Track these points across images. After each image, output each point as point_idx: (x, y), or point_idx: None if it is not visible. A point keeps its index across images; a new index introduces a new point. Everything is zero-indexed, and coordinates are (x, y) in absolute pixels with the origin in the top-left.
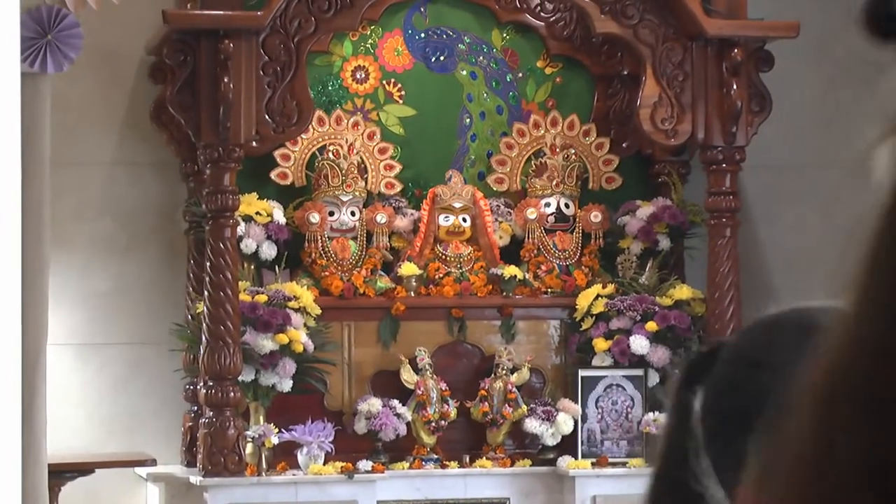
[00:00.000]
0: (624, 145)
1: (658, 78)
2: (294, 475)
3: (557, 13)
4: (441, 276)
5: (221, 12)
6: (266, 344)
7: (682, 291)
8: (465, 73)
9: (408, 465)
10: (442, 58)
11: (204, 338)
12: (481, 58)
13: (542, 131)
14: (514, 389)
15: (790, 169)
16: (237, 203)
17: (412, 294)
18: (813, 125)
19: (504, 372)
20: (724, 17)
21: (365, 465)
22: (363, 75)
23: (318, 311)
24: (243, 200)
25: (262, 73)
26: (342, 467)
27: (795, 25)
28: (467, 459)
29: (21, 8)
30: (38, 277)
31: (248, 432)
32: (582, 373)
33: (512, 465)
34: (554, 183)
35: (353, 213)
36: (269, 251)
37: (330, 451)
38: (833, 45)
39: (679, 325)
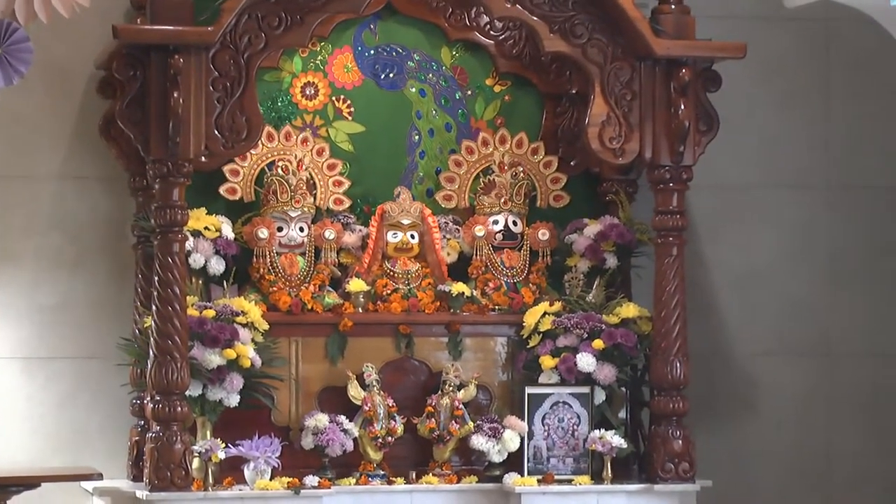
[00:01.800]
0: (572, 163)
1: (606, 97)
2: (241, 490)
3: (506, 31)
4: (389, 292)
5: (171, 27)
6: (214, 359)
7: (629, 310)
8: (414, 90)
9: (354, 480)
10: (391, 75)
11: (151, 352)
12: (430, 75)
13: (491, 149)
14: (461, 406)
15: (736, 188)
16: (186, 218)
17: (360, 310)
18: (759, 145)
19: (451, 388)
20: (673, 37)
21: (312, 480)
22: (313, 91)
23: (266, 327)
24: (192, 215)
25: (211, 88)
26: (289, 483)
27: (742, 46)
28: (414, 476)
29: None
30: None
31: (195, 447)
32: (529, 390)
33: (458, 481)
34: (502, 200)
35: (301, 229)
36: (217, 266)
37: (277, 466)
38: (779, 66)
39: (626, 343)
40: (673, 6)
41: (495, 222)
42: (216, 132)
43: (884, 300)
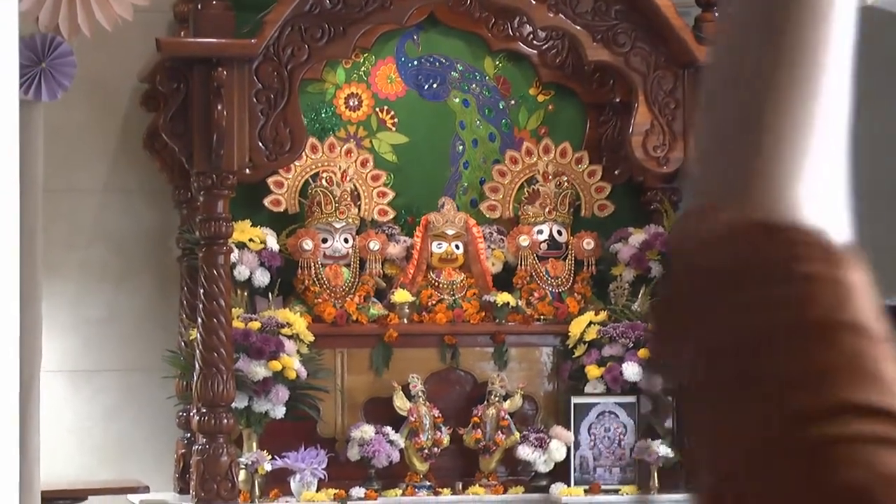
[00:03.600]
0: (616, 172)
1: (650, 105)
2: (287, 502)
3: (549, 41)
4: (434, 303)
5: (214, 40)
6: (259, 371)
7: None
8: (457, 100)
9: (401, 491)
10: (434, 85)
11: (197, 365)
12: (474, 85)
13: (535, 158)
14: (507, 416)
15: None
16: (230, 230)
17: (405, 321)
18: None
19: (497, 399)
20: None
21: (358, 492)
22: (356, 102)
23: (311, 338)
24: (236, 227)
25: (255, 100)
26: (335, 494)
27: None
28: (460, 486)
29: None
30: (31, 304)
31: (241, 459)
32: (574, 400)
33: (505, 492)
34: (546, 210)
35: (346, 240)
36: (262, 278)
37: (323, 478)
38: None
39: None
40: (716, 13)
41: (539, 232)
42: (260, 144)
43: None
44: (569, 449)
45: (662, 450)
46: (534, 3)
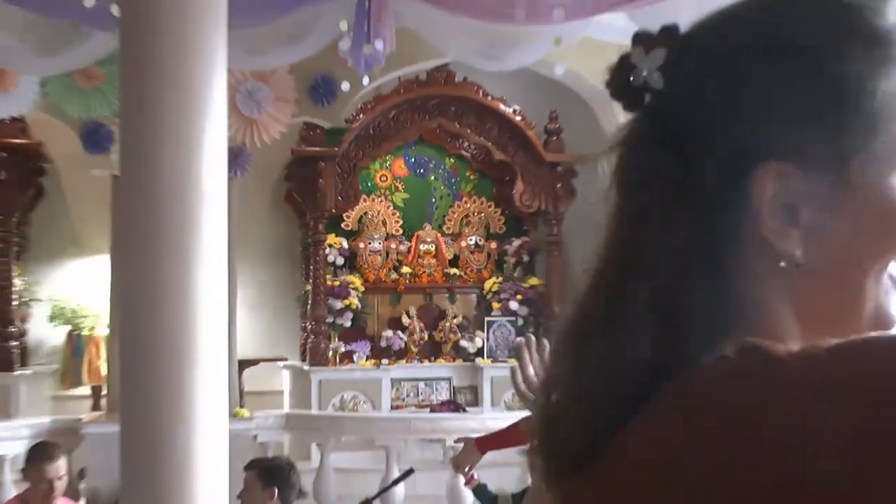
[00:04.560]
0: (507, 211)
1: (523, 180)
2: (352, 367)
3: (476, 150)
4: (420, 273)
5: (318, 149)
6: (338, 304)
7: (534, 280)
8: (432, 177)
9: (405, 361)
10: (421, 171)
11: (309, 301)
12: (440, 171)
13: (469, 205)
14: (455, 326)
15: None
16: (324, 238)
17: (407, 282)
18: None
19: (450, 318)
20: (555, 150)
21: (385, 363)
22: (384, 178)
23: (363, 290)
24: (328, 237)
25: (337, 178)
26: (374, 362)
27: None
28: (433, 358)
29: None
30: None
31: (332, 345)
32: (486, 318)
33: (454, 362)
34: (474, 229)
35: (379, 243)
36: (339, 261)
37: (369, 355)
38: None
39: (534, 298)
40: (556, 137)
41: (470, 240)
42: (339, 197)
43: None
44: (483, 342)
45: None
46: (469, 131)
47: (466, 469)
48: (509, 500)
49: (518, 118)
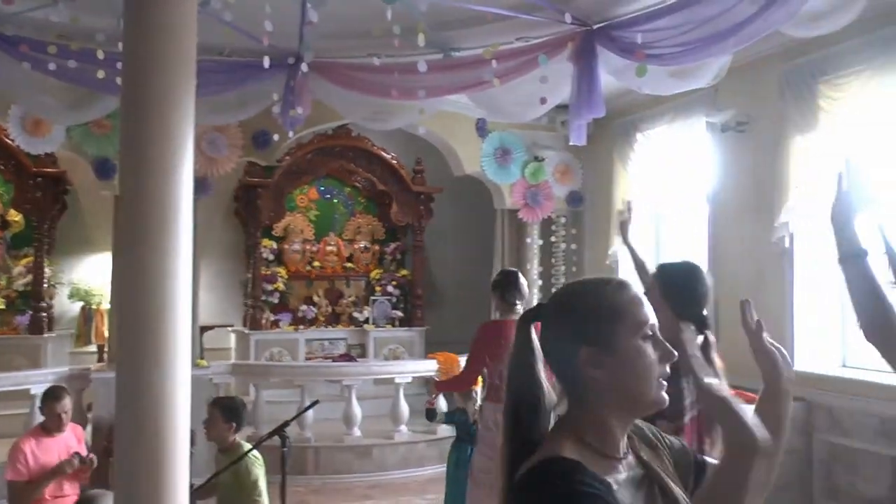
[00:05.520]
0: (386, 224)
1: (397, 203)
2: (279, 332)
3: (366, 182)
4: (326, 266)
5: (257, 179)
6: (269, 287)
7: (404, 272)
8: (335, 201)
9: (314, 326)
10: (328, 196)
11: (249, 284)
12: (341, 195)
13: (360, 219)
14: (350, 302)
15: None
16: (260, 241)
17: (317, 271)
18: None
19: (348, 297)
20: (420, 182)
21: (302, 328)
22: (303, 200)
23: (287, 277)
24: (263, 241)
25: (273, 199)
26: (294, 328)
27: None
28: (334, 324)
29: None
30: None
31: (265, 315)
32: (371, 297)
33: (349, 327)
34: (364, 236)
35: (298, 245)
36: (270, 257)
37: (291, 321)
38: None
39: (403, 283)
40: (420, 174)
41: (360, 243)
42: (271, 213)
43: None
44: (369, 313)
45: (397, 313)
46: (361, 170)
47: (433, 397)
48: (443, 417)
49: (394, 161)
